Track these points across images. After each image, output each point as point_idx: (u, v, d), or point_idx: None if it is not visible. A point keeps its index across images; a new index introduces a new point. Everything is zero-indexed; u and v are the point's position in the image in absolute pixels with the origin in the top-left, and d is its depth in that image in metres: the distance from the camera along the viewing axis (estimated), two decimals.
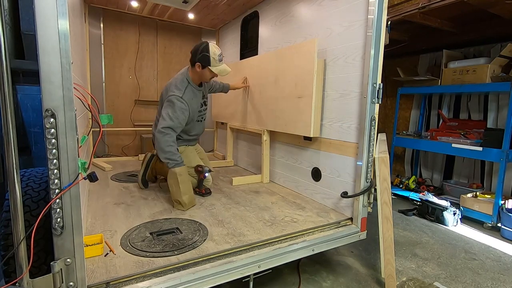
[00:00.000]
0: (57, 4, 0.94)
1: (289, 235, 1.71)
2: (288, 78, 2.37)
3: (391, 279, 1.86)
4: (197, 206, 2.11)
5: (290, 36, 2.62)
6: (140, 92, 4.17)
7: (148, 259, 1.36)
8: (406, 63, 4.38)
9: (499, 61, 3.11)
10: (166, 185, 2.30)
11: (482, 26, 3.21)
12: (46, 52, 0.94)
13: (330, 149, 2.17)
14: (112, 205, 2.05)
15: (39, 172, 1.45)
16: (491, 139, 2.92)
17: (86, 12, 3.56)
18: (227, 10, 3.44)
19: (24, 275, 0.99)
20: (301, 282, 1.94)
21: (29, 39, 1.75)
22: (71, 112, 0.99)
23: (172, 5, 3.34)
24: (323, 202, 2.26)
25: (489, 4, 2.62)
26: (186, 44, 4.40)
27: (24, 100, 1.81)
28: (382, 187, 1.89)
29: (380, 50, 1.82)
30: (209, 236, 1.63)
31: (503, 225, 2.78)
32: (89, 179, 1.11)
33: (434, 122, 4.16)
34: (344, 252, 2.37)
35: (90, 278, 1.20)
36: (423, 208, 3.22)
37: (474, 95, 3.66)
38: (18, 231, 0.98)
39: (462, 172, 3.83)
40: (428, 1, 2.78)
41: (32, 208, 1.27)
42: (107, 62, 3.91)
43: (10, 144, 0.95)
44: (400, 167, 4.63)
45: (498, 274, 2.15)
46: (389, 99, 4.70)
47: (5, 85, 0.92)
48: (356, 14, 1.92)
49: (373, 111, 1.86)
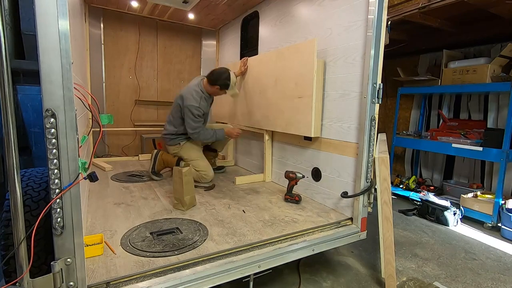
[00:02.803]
0: (57, 4, 0.94)
1: (289, 235, 1.71)
2: (288, 78, 2.37)
3: (391, 279, 1.86)
4: (197, 206, 2.11)
5: (290, 36, 2.63)
6: (140, 92, 4.17)
7: (148, 259, 1.36)
8: (406, 63, 4.38)
9: (499, 61, 3.11)
10: (171, 179, 2.57)
11: (482, 26, 3.20)
12: (46, 52, 0.94)
13: (330, 149, 2.17)
14: (112, 205, 2.05)
15: (39, 172, 1.45)
16: (491, 139, 2.92)
17: (86, 12, 3.56)
18: (227, 10, 3.44)
19: (24, 275, 0.99)
20: (301, 282, 1.94)
21: (29, 39, 1.76)
22: (71, 112, 0.99)
23: (172, 5, 3.34)
24: (323, 202, 2.26)
25: (489, 4, 2.62)
26: (186, 44, 4.41)
27: (24, 100, 1.81)
28: (382, 187, 1.89)
29: (380, 50, 1.82)
30: (209, 236, 1.63)
31: (503, 225, 2.78)
32: (89, 179, 1.11)
33: (434, 122, 4.16)
34: (344, 252, 2.36)
35: (90, 278, 1.20)
36: (423, 208, 3.22)
37: (474, 95, 3.66)
38: (19, 231, 0.99)
39: (462, 172, 3.83)
40: (428, 1, 2.78)
41: (32, 208, 1.27)
42: (107, 62, 3.91)
43: (10, 144, 0.95)
44: (400, 167, 4.63)
45: (498, 274, 2.15)
46: (389, 99, 4.70)
47: (5, 85, 0.92)
48: (356, 14, 1.92)
49: (373, 111, 1.86)
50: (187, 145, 2.78)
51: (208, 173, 2.69)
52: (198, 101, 2.60)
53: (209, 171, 2.72)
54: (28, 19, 1.75)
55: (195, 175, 2.62)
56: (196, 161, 2.71)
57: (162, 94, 4.34)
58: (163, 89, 4.34)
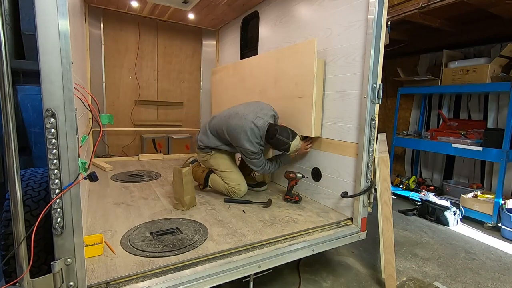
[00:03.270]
0: (57, 4, 0.94)
1: (289, 235, 1.71)
2: (288, 78, 2.37)
3: (391, 279, 1.86)
4: (197, 206, 2.11)
5: (290, 36, 2.63)
6: (140, 92, 4.17)
7: (148, 259, 1.36)
8: (406, 63, 4.38)
9: (499, 61, 3.11)
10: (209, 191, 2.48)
11: (482, 26, 3.20)
12: (47, 52, 0.94)
13: (330, 149, 2.17)
14: (112, 205, 2.05)
15: (39, 172, 1.45)
16: (491, 139, 2.92)
17: (86, 12, 3.56)
18: (227, 10, 3.44)
19: (24, 275, 0.99)
20: (301, 282, 1.94)
21: (29, 39, 1.76)
22: (71, 112, 0.99)
23: (172, 5, 3.34)
24: (323, 202, 2.26)
25: (489, 4, 2.61)
26: (186, 44, 4.41)
27: (24, 100, 1.81)
28: (382, 187, 1.89)
29: (380, 50, 1.82)
30: (209, 236, 1.63)
31: (503, 225, 2.78)
32: (89, 179, 1.11)
33: (434, 122, 4.16)
34: (344, 252, 2.36)
35: (90, 278, 1.20)
36: (423, 208, 3.22)
37: (474, 95, 3.66)
38: (19, 231, 0.99)
39: (462, 172, 3.83)
40: (428, 1, 2.78)
41: (32, 208, 1.27)
42: (107, 62, 3.91)
43: (10, 144, 0.95)
44: (400, 167, 4.63)
45: (499, 274, 2.15)
46: (389, 99, 4.70)
47: (5, 85, 0.92)
48: (356, 14, 1.92)
49: (373, 111, 1.86)
50: (216, 155, 2.40)
51: (240, 187, 2.28)
52: (255, 146, 2.14)
53: (242, 184, 2.31)
54: (28, 19, 1.74)
55: (224, 188, 2.31)
56: (226, 173, 2.33)
57: (162, 94, 4.34)
58: (163, 89, 4.34)
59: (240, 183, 2.31)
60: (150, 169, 3.21)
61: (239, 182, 2.31)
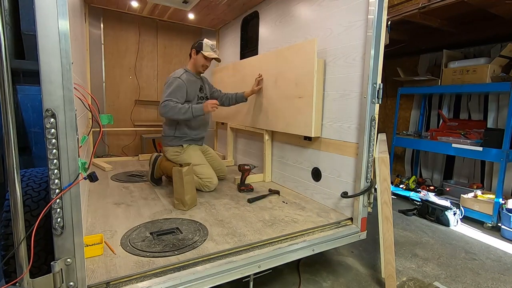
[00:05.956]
0: (57, 4, 0.94)
1: (289, 235, 1.71)
2: (288, 78, 2.37)
3: (391, 279, 1.86)
4: (197, 206, 2.11)
5: (290, 36, 2.62)
6: (140, 92, 4.18)
7: (148, 259, 1.36)
8: (406, 63, 4.38)
9: (499, 61, 3.11)
10: (171, 184, 2.34)
11: (482, 26, 3.20)
12: (46, 52, 0.94)
13: (330, 149, 2.17)
14: (112, 205, 2.05)
15: (39, 172, 1.45)
16: (491, 139, 2.92)
17: (86, 12, 3.56)
18: (227, 10, 3.44)
19: (24, 275, 0.99)
20: (301, 282, 1.94)
21: (29, 39, 1.75)
22: (71, 112, 0.99)
23: (172, 5, 3.34)
24: (323, 202, 2.26)
25: (489, 4, 2.61)
26: (186, 44, 4.41)
27: (24, 100, 1.81)
28: (382, 187, 1.89)
29: (380, 50, 1.82)
30: (209, 236, 1.63)
31: (503, 225, 2.78)
32: (89, 179, 1.11)
33: (434, 122, 4.16)
34: (344, 252, 2.36)
35: (90, 278, 1.20)
36: (423, 208, 3.22)
37: (474, 95, 3.66)
38: (19, 231, 0.99)
39: (462, 172, 3.82)
40: (428, 1, 2.78)
41: (32, 208, 1.26)
42: (107, 62, 3.91)
43: (10, 144, 0.95)
44: (400, 167, 4.63)
45: (499, 274, 2.15)
46: (389, 99, 4.70)
47: (5, 85, 0.92)
48: (356, 14, 1.92)
49: (373, 111, 1.86)
50: (189, 150, 2.57)
51: (212, 181, 2.45)
52: (179, 74, 2.45)
53: (214, 178, 2.48)
54: (28, 19, 1.74)
55: (197, 183, 2.40)
56: (199, 167, 2.47)
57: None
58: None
59: (212, 177, 2.48)
60: None
61: (212, 175, 2.49)
